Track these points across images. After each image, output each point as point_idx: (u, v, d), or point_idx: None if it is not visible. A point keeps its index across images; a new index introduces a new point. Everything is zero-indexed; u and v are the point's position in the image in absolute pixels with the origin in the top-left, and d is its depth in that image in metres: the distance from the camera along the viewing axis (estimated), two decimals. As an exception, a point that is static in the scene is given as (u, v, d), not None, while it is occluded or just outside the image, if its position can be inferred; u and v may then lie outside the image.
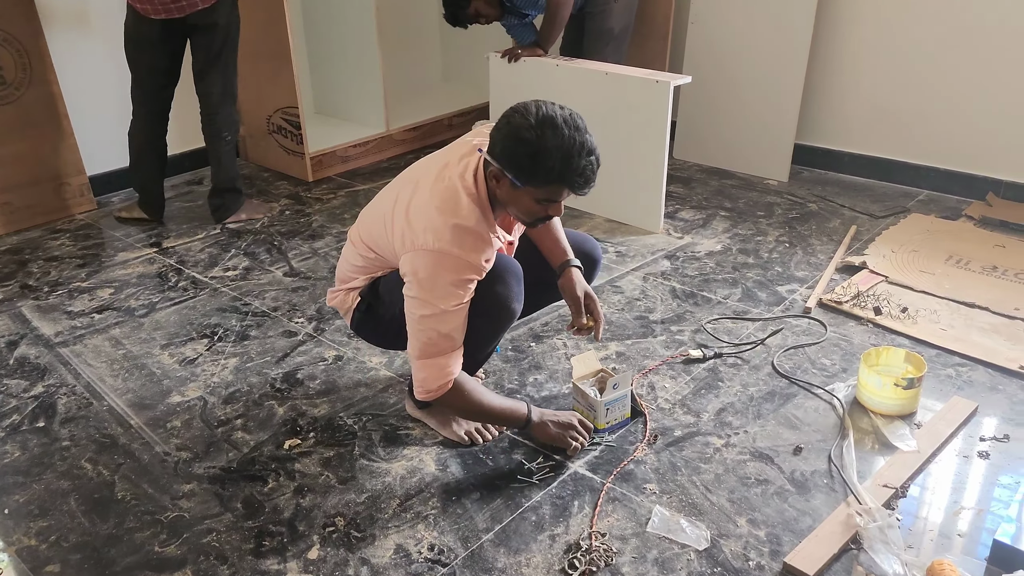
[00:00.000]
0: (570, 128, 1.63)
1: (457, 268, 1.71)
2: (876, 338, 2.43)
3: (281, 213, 3.46)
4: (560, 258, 2.01)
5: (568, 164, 1.63)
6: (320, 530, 1.76)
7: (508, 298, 1.81)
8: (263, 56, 3.64)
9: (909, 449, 1.94)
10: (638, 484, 1.86)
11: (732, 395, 2.18)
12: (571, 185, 1.67)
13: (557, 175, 1.64)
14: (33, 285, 2.87)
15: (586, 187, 1.68)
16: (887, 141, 3.62)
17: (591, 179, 1.67)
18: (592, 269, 2.14)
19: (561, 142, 1.61)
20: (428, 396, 1.82)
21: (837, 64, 3.63)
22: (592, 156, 1.65)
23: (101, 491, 1.89)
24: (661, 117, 2.99)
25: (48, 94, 3.30)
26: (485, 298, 1.78)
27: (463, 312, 1.76)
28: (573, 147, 1.62)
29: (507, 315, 1.84)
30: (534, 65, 3.37)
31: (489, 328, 1.86)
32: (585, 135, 1.65)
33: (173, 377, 2.32)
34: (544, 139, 1.61)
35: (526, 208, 1.72)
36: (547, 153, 1.61)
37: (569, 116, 1.65)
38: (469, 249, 1.71)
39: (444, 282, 1.71)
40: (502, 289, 1.80)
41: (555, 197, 1.70)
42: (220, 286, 2.84)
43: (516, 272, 1.84)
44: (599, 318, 1.98)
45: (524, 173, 1.65)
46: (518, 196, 1.70)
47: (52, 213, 3.40)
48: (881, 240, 3.04)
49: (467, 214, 1.71)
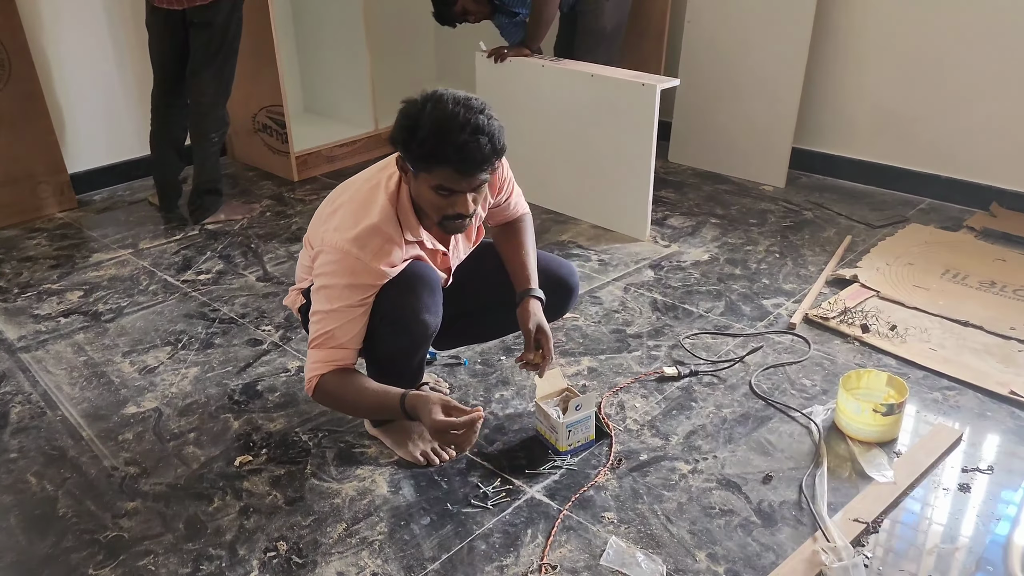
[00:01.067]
0: (457, 105, 1.55)
1: (354, 271, 1.66)
2: (862, 357, 2.33)
3: (262, 214, 3.40)
4: (522, 285, 1.93)
5: (445, 137, 1.54)
6: (261, 555, 1.69)
7: (416, 308, 1.72)
8: (247, 53, 3.55)
9: (885, 480, 1.84)
10: (596, 512, 1.78)
11: (704, 417, 2.09)
12: (449, 163, 1.56)
13: (433, 149, 1.55)
14: (3, 286, 2.82)
15: (468, 166, 1.57)
16: (888, 147, 3.50)
17: (474, 157, 1.56)
18: (566, 298, 2.06)
19: (440, 115, 1.54)
20: (307, 390, 1.76)
21: (838, 65, 3.51)
22: (480, 135, 1.54)
23: (43, 507, 1.83)
24: (647, 121, 2.90)
25: (28, 91, 3.25)
26: (393, 306, 1.71)
27: (352, 316, 1.69)
28: (454, 120, 1.54)
29: (417, 326, 1.73)
30: (520, 65, 3.28)
31: (397, 338, 1.75)
32: (476, 115, 1.55)
33: (131, 387, 2.26)
34: (423, 113, 1.55)
35: (428, 201, 1.65)
36: (423, 125, 1.55)
37: (464, 97, 1.58)
38: (371, 251, 1.66)
39: (340, 283, 1.67)
40: (410, 299, 1.72)
41: (448, 183, 1.60)
42: (191, 290, 2.77)
43: (430, 282, 1.76)
44: (547, 356, 1.90)
45: (406, 150, 1.60)
46: (419, 189, 1.65)
47: (30, 212, 3.36)
48: (876, 252, 2.93)
49: (377, 212, 1.67)
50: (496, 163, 1.63)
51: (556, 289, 1.99)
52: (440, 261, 1.86)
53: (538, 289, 1.93)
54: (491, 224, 2.06)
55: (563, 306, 2.06)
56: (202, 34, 3.01)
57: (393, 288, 1.71)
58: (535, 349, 1.90)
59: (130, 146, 3.73)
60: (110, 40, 3.56)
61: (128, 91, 3.66)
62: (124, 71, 3.63)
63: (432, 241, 1.80)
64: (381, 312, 1.72)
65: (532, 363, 1.91)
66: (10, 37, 3.16)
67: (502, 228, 2.04)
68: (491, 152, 1.58)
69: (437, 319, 1.77)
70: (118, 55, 3.60)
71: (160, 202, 3.41)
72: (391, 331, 1.73)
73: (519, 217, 2.05)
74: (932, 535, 1.72)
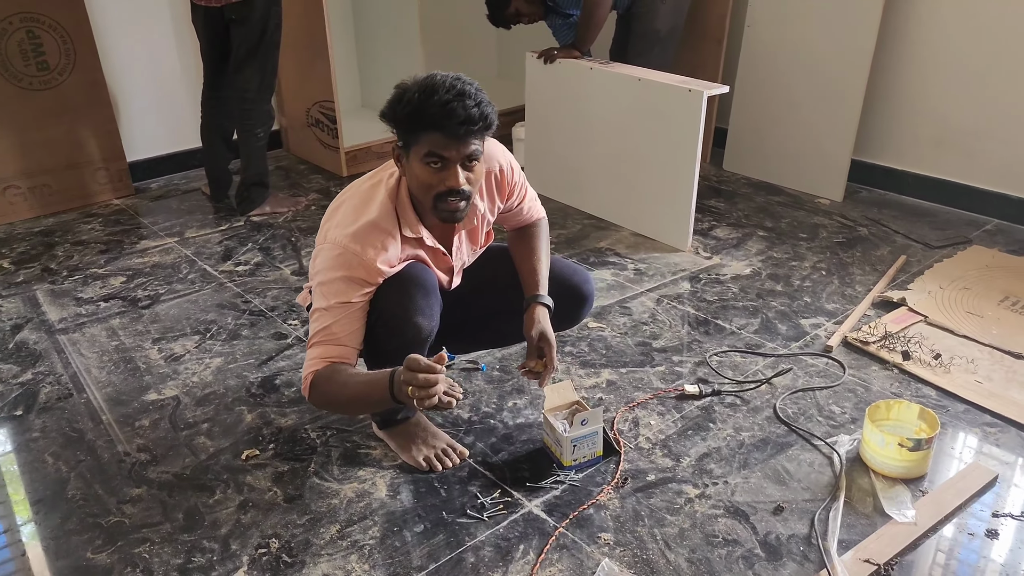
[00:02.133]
0: (446, 76, 1.57)
1: (350, 265, 1.65)
2: (899, 386, 2.20)
3: (308, 208, 3.44)
4: (530, 291, 1.89)
5: (428, 98, 1.53)
6: (252, 551, 1.69)
7: (409, 310, 1.69)
8: (302, 48, 3.61)
9: (904, 520, 1.73)
10: (593, 532, 1.72)
11: (721, 439, 2.01)
12: (434, 123, 1.54)
13: (415, 109, 1.54)
14: (54, 268, 2.93)
15: (453, 124, 1.54)
16: (955, 162, 3.32)
17: (458, 114, 1.53)
18: (579, 306, 2.01)
19: (426, 82, 1.56)
20: (303, 391, 1.72)
21: (902, 76, 3.34)
22: (466, 99, 1.54)
23: (54, 488, 1.88)
24: (693, 128, 2.81)
25: (91, 80, 3.36)
26: (387, 307, 1.69)
27: (349, 312, 1.68)
28: (437, 83, 1.55)
29: (409, 328, 1.70)
30: (569, 67, 3.22)
31: (391, 340, 1.72)
32: (465, 83, 1.57)
33: (155, 374, 2.30)
34: (411, 83, 1.58)
35: (420, 181, 1.63)
36: (408, 92, 1.56)
37: (456, 75, 1.59)
38: (367, 246, 1.65)
39: (335, 277, 1.66)
40: (402, 300, 1.69)
41: (436, 148, 1.58)
42: (227, 281, 2.82)
43: (424, 284, 1.73)
44: (550, 365, 1.85)
45: (393, 120, 1.60)
46: (411, 170, 1.64)
47: (89, 197, 3.47)
48: (931, 274, 2.77)
49: (376, 209, 1.68)
50: (484, 134, 1.61)
51: (569, 297, 1.94)
52: (440, 261, 1.83)
53: (546, 296, 1.89)
54: (506, 228, 2.03)
55: (576, 315, 2.01)
56: (240, 30, 3.05)
57: (388, 289, 1.69)
58: (538, 357, 1.85)
59: (187, 136, 3.82)
60: (172, 32, 3.66)
61: (188, 82, 3.75)
62: (185, 62, 3.73)
63: (432, 240, 1.77)
64: (376, 313, 1.70)
65: (533, 371, 1.87)
66: (76, 28, 3.27)
67: (516, 233, 2.00)
68: (477, 114, 1.56)
69: (431, 322, 1.74)
70: (180, 47, 3.69)
71: (211, 192, 3.49)
72: (385, 332, 1.71)
73: (534, 222, 2.01)
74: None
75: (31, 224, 3.31)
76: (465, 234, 1.87)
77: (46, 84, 3.26)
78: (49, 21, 3.21)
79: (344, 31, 4.28)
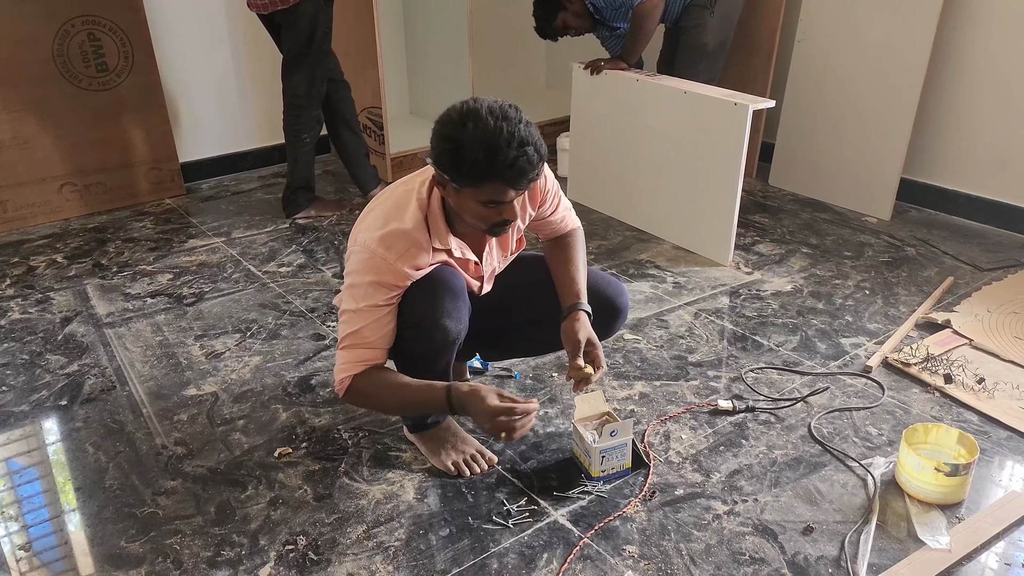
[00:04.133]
0: (496, 118, 1.51)
1: (379, 270, 1.67)
2: (940, 410, 2.15)
3: (351, 212, 3.49)
4: (570, 300, 1.88)
5: (494, 156, 1.51)
6: (280, 547, 1.72)
7: (437, 313, 1.70)
8: (352, 55, 3.67)
9: (938, 547, 1.69)
10: (618, 544, 1.71)
11: (753, 456, 1.98)
12: (503, 179, 1.54)
13: (483, 169, 1.52)
14: (105, 264, 3.01)
15: (522, 180, 1.55)
16: (1009, 183, 3.23)
17: (527, 171, 1.53)
18: (613, 319, 1.99)
19: (484, 133, 1.50)
20: (338, 390, 1.77)
21: (956, 93, 3.27)
22: (527, 147, 1.52)
23: (94, 476, 1.93)
24: (737, 142, 2.79)
25: (148, 82, 3.46)
26: (414, 310, 1.71)
27: (379, 315, 1.70)
28: (499, 137, 1.50)
29: (437, 331, 1.71)
30: (615, 79, 3.22)
31: (418, 343, 1.74)
32: (516, 125, 1.52)
33: (196, 370, 2.36)
34: (465, 132, 1.52)
35: (474, 212, 1.62)
36: (469, 147, 1.51)
37: (498, 106, 1.54)
38: (396, 253, 1.66)
39: (364, 280, 1.68)
40: (430, 303, 1.70)
41: (498, 197, 1.57)
42: (270, 281, 2.88)
43: (452, 288, 1.73)
44: (599, 366, 1.83)
45: (453, 171, 1.56)
46: (463, 201, 1.62)
47: (141, 196, 3.57)
48: (978, 297, 2.71)
49: (407, 218, 1.68)
50: (541, 167, 1.61)
51: (602, 309, 1.93)
52: (473, 271, 1.85)
53: (586, 304, 1.88)
54: (541, 239, 2.03)
55: (608, 328, 2.00)
56: (288, 35, 3.11)
57: (416, 292, 1.71)
58: (587, 361, 1.83)
59: (240, 139, 3.92)
60: (227, 36, 3.75)
61: (242, 85, 3.84)
62: (239, 66, 3.82)
63: (462, 250, 1.79)
64: (404, 315, 1.72)
65: (582, 376, 1.80)
66: (135, 30, 3.38)
67: (552, 243, 2.00)
68: (538, 160, 1.56)
69: (459, 325, 1.75)
70: (234, 50, 3.78)
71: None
72: (413, 335, 1.73)
73: (570, 232, 2.01)
74: (983, 614, 1.57)
75: (85, 220, 3.41)
76: (496, 241, 1.88)
77: (104, 85, 3.36)
78: (110, 24, 3.31)
79: (395, 38, 4.34)
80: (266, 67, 3.82)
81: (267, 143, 3.98)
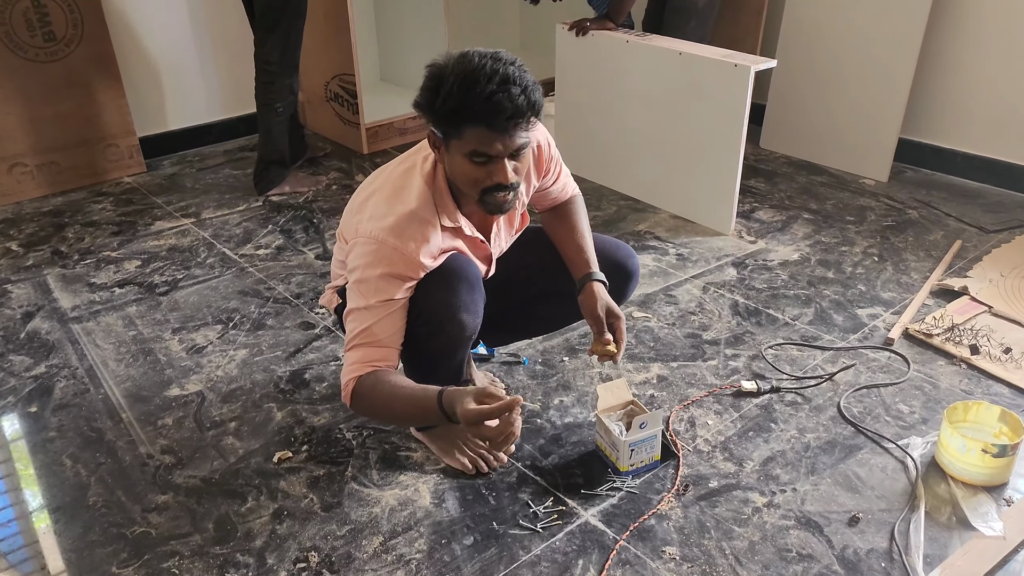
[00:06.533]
0: (484, 57, 1.40)
1: (391, 261, 1.51)
2: (969, 383, 2.07)
3: (328, 187, 3.29)
4: (582, 270, 1.74)
5: (471, 88, 1.37)
6: (290, 565, 1.57)
7: (453, 307, 1.55)
8: (320, 18, 3.44)
9: (992, 534, 1.61)
10: (656, 546, 1.60)
11: (785, 441, 1.88)
12: (479, 118, 1.39)
13: (457, 103, 1.38)
14: (64, 251, 2.79)
15: (500, 119, 1.39)
16: (1008, 142, 3.16)
17: (506, 109, 1.38)
18: (625, 283, 1.85)
19: (465, 67, 1.38)
20: (344, 399, 1.59)
21: (956, 50, 3.17)
22: (510, 85, 1.38)
23: (74, 494, 1.75)
24: (739, 105, 2.65)
25: (100, 51, 3.20)
26: (429, 304, 1.55)
27: (391, 310, 1.54)
28: (479, 72, 1.37)
29: (453, 326, 1.57)
30: (603, 40, 3.06)
31: (433, 339, 1.59)
32: (505, 65, 1.39)
33: (177, 367, 2.17)
34: (447, 66, 1.40)
35: (464, 174, 1.48)
36: (447, 79, 1.39)
37: (494, 51, 1.42)
38: (408, 239, 1.51)
39: (374, 274, 1.52)
40: (447, 296, 1.55)
41: (482, 147, 1.43)
42: (248, 265, 2.68)
43: (469, 278, 1.59)
44: (621, 340, 1.70)
45: (429, 110, 1.43)
46: (454, 163, 1.49)
47: (99, 175, 3.33)
48: (989, 260, 2.63)
49: (414, 197, 1.54)
50: (532, 120, 1.45)
51: (614, 274, 1.79)
52: (479, 250, 1.69)
53: (599, 272, 1.75)
54: (538, 209, 1.88)
55: (621, 294, 1.85)
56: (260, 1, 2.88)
57: (430, 284, 1.55)
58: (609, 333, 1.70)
59: (202, 110, 3.67)
60: (185, 3, 3.49)
61: (203, 52, 3.59)
62: (199, 35, 3.56)
63: (471, 228, 1.63)
64: (416, 310, 1.56)
65: (607, 351, 1.69)
66: (84, -4, 3.11)
67: (552, 212, 1.85)
68: (525, 104, 1.40)
69: (476, 319, 1.60)
70: (193, 13, 3.52)
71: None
72: (426, 331, 1.57)
73: (570, 198, 1.86)
74: (1047, 605, 1.49)
75: (39, 204, 3.16)
76: (503, 219, 1.72)
77: (52, 56, 3.10)
78: (55, -11, 3.04)
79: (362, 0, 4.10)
80: (230, 31, 3.57)
81: (232, 114, 3.74)
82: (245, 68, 3.13)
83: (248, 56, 3.04)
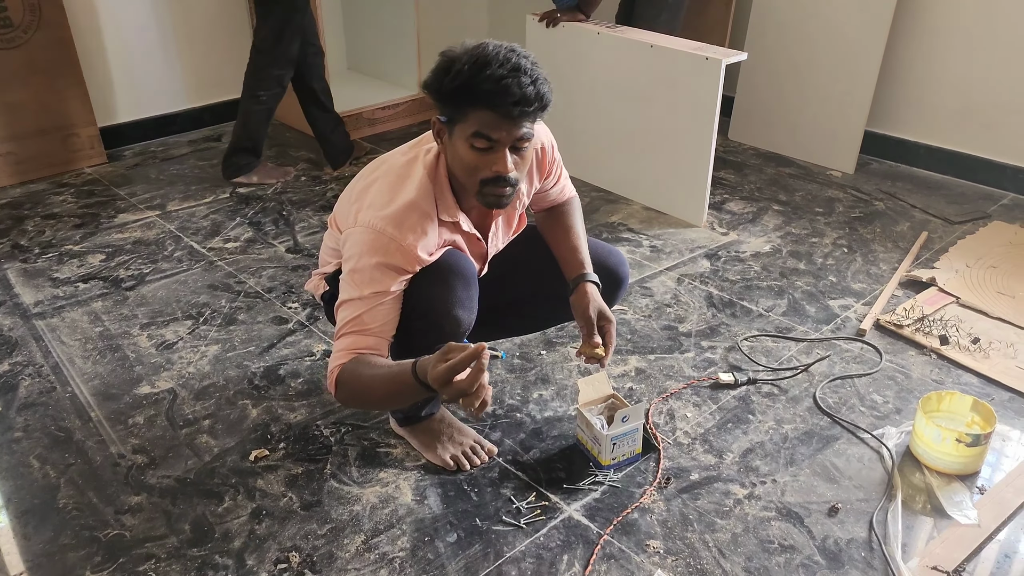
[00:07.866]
0: (500, 47, 1.40)
1: (388, 251, 1.49)
2: (940, 373, 2.11)
3: (297, 179, 3.23)
4: (576, 270, 1.74)
5: (481, 69, 1.37)
6: (271, 566, 1.54)
7: (447, 302, 1.54)
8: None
9: (967, 522, 1.64)
10: (640, 539, 1.60)
11: (763, 433, 1.89)
12: (485, 100, 1.38)
13: (465, 81, 1.37)
14: (25, 245, 2.70)
15: (506, 103, 1.38)
16: (971, 134, 3.21)
17: (515, 93, 1.37)
18: (615, 289, 1.86)
19: (478, 51, 1.39)
20: (329, 388, 1.55)
21: (922, 44, 3.22)
22: (521, 74, 1.38)
23: (43, 496, 1.70)
24: (710, 98, 2.66)
25: (58, 39, 3.10)
26: (423, 299, 1.53)
27: (385, 300, 1.51)
28: (493, 56, 1.38)
29: (448, 322, 1.55)
30: (574, 32, 3.04)
31: (427, 334, 1.56)
32: (520, 57, 1.40)
33: (147, 363, 2.12)
34: (461, 53, 1.40)
35: (465, 162, 1.46)
36: (458, 60, 1.39)
37: (510, 46, 1.42)
38: (407, 231, 1.49)
39: (370, 264, 1.49)
40: (441, 291, 1.54)
41: (485, 129, 1.41)
42: (217, 259, 2.63)
43: (464, 274, 1.57)
44: (610, 344, 1.70)
45: (437, 90, 1.43)
46: (455, 149, 1.47)
47: (59, 165, 3.23)
48: (955, 251, 2.68)
49: (415, 188, 1.52)
50: (538, 113, 1.44)
51: (602, 280, 1.79)
52: (475, 247, 1.68)
53: (592, 274, 1.74)
54: (535, 210, 1.87)
55: (610, 301, 1.86)
56: None
57: (426, 279, 1.53)
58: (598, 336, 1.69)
59: (166, 99, 3.58)
60: (146, -13, 3.40)
61: (166, 39, 3.50)
62: (161, 21, 3.47)
63: (469, 224, 1.62)
64: (411, 305, 1.54)
65: (595, 354, 1.68)
66: (41, -20, 3.01)
67: (548, 212, 1.85)
68: (533, 94, 1.39)
69: (471, 315, 1.59)
70: (155, 3, 3.43)
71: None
72: (421, 325, 1.55)
73: (566, 200, 1.85)
74: (1022, 591, 1.52)
75: (-4, 195, 3.07)
76: (502, 219, 1.71)
77: (9, 43, 3.00)
78: (11, -27, 2.94)
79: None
80: (195, 17, 3.49)
81: (197, 103, 3.65)
82: (211, 56, 3.07)
83: (216, 44, 2.97)
